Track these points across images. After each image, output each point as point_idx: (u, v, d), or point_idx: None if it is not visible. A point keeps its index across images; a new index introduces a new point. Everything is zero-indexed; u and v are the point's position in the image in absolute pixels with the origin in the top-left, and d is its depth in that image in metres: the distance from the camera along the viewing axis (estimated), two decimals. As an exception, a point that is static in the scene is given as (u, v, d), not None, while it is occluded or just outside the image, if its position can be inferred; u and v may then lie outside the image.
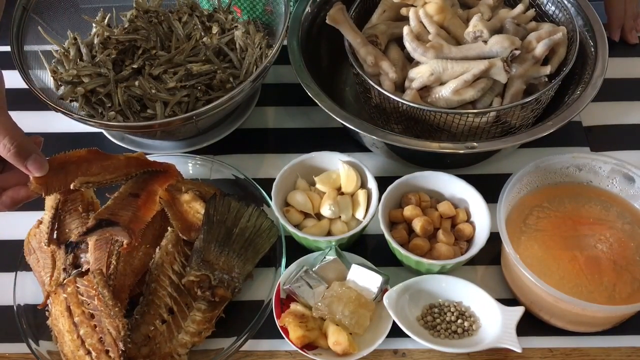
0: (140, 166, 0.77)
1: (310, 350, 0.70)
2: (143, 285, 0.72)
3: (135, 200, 0.74)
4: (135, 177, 0.76)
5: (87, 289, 0.71)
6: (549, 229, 0.74)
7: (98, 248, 0.73)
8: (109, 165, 0.74)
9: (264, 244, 0.78)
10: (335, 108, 0.81)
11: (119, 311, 0.68)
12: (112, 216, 0.71)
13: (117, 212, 0.72)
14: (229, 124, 0.92)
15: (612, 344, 0.73)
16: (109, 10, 0.94)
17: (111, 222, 0.70)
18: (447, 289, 0.74)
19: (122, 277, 0.71)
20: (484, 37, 0.83)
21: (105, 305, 0.68)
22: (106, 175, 0.73)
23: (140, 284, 0.73)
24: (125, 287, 0.71)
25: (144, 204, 0.74)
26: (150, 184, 0.77)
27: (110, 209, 0.72)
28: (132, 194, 0.75)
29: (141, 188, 0.75)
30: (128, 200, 0.74)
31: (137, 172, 0.76)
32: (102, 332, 0.68)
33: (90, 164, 0.72)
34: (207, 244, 0.74)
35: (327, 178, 0.81)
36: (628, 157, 0.79)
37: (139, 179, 0.76)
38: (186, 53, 0.85)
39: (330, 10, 0.89)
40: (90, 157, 0.73)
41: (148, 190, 0.76)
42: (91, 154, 0.73)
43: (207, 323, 0.70)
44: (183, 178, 0.82)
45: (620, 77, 0.99)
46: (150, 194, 0.76)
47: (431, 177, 0.80)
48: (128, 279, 0.72)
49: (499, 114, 0.82)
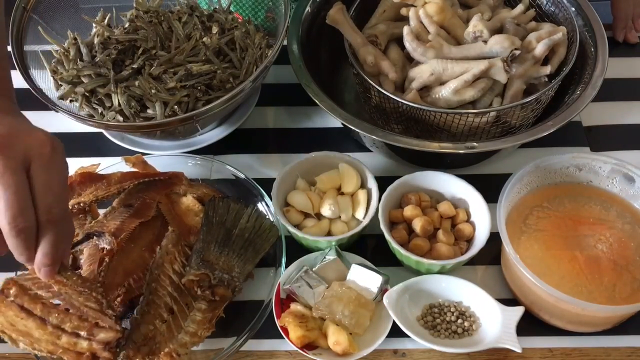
0: (136, 178, 0.78)
1: (310, 350, 0.70)
2: (143, 285, 0.72)
3: (127, 210, 0.76)
4: (129, 189, 0.78)
5: (32, 282, 0.68)
6: (549, 229, 0.74)
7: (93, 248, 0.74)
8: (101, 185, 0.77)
9: (264, 244, 0.78)
10: (335, 108, 0.81)
11: (90, 284, 0.65)
12: (100, 227, 0.73)
13: (106, 223, 0.74)
14: (229, 124, 0.92)
15: (612, 344, 0.73)
16: (109, 10, 0.94)
17: (98, 232, 0.71)
18: (447, 289, 0.74)
19: (113, 274, 0.71)
20: (484, 37, 0.83)
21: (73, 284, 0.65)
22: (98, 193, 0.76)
23: (141, 284, 0.73)
24: (114, 285, 0.71)
25: (135, 212, 0.76)
26: (146, 193, 0.78)
27: (100, 222, 0.75)
28: (126, 205, 0.77)
29: (135, 199, 0.77)
30: (120, 211, 0.76)
31: (131, 184, 0.78)
32: (78, 311, 0.65)
33: (82, 186, 0.73)
34: (206, 244, 0.74)
35: (327, 178, 0.81)
36: (628, 157, 0.79)
37: (133, 190, 0.78)
38: (186, 53, 0.85)
39: (330, 10, 0.89)
40: (82, 179, 0.74)
41: (143, 200, 0.77)
42: (83, 176, 0.74)
43: (207, 323, 0.70)
44: (190, 184, 0.82)
45: (620, 77, 0.99)
46: (145, 202, 0.77)
47: (431, 177, 0.80)
48: (118, 277, 0.72)
49: (499, 114, 0.82)
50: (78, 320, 0.66)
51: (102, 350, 0.65)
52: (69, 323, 0.66)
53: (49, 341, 0.65)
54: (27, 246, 0.56)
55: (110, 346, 0.65)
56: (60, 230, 0.57)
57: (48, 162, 0.57)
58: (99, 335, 0.65)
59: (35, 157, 0.56)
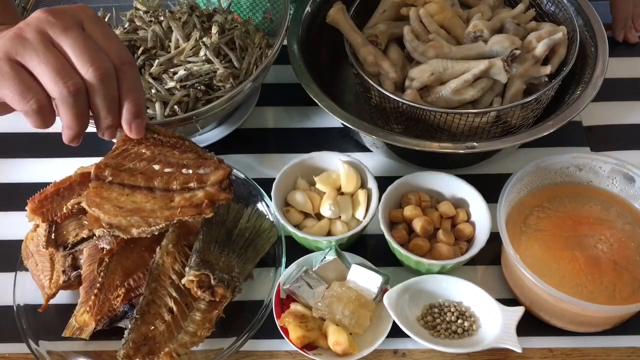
0: None
1: (310, 351, 0.69)
2: (143, 285, 0.72)
3: None
4: None
5: (122, 157, 0.64)
6: (549, 229, 0.74)
7: (93, 248, 0.73)
8: None
9: (264, 244, 0.78)
10: (335, 108, 0.81)
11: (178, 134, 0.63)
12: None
13: None
14: (229, 124, 0.92)
15: (612, 344, 0.73)
16: (109, 10, 0.94)
17: None
18: (447, 289, 0.74)
19: (113, 274, 0.71)
20: (484, 37, 0.83)
21: (166, 136, 0.62)
22: None
23: (141, 284, 0.73)
24: (113, 286, 0.71)
25: None
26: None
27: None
28: None
29: None
30: None
31: None
32: (178, 166, 0.63)
33: (83, 186, 0.73)
34: (206, 244, 0.74)
35: (327, 178, 0.81)
36: (628, 157, 0.79)
37: None
38: (186, 53, 0.85)
39: (330, 10, 0.89)
40: (82, 179, 0.74)
41: None
42: (83, 177, 0.74)
43: (207, 323, 0.70)
44: None
45: (620, 77, 0.99)
46: None
47: (431, 177, 0.80)
48: (118, 277, 0.72)
49: (499, 114, 0.82)
50: (183, 174, 0.63)
51: (220, 191, 0.62)
52: (175, 181, 0.63)
53: (162, 207, 0.63)
54: (111, 94, 0.58)
55: (224, 185, 0.63)
56: (136, 73, 0.60)
57: (97, 18, 0.60)
58: (210, 179, 0.62)
59: (84, 17, 0.58)
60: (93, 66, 0.56)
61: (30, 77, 0.55)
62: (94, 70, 0.56)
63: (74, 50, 0.56)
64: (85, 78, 0.56)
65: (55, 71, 0.55)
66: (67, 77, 0.55)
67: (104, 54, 0.57)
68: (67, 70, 0.55)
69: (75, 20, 0.58)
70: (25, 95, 0.55)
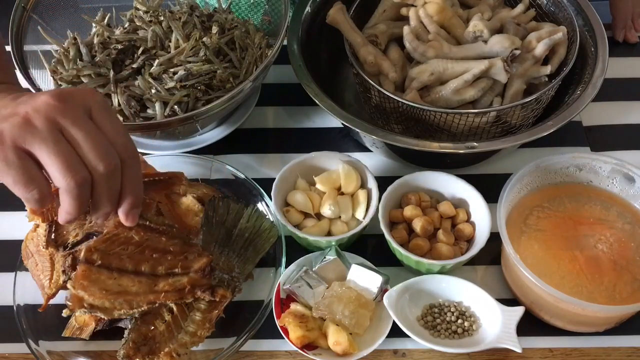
0: None
1: (310, 351, 0.69)
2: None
3: None
4: None
5: (110, 242, 0.66)
6: (550, 229, 0.74)
7: None
8: None
9: (264, 244, 0.78)
10: (335, 108, 0.81)
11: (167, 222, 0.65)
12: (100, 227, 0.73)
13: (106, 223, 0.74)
14: (229, 124, 0.92)
15: (612, 344, 0.73)
16: (109, 10, 0.94)
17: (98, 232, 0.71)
18: (447, 289, 0.74)
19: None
20: (484, 37, 0.83)
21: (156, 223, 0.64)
22: None
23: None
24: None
25: None
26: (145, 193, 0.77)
27: (99, 224, 0.74)
28: None
29: None
30: None
31: None
32: (164, 252, 0.65)
33: None
34: (206, 244, 0.74)
35: (327, 178, 0.81)
36: (628, 157, 0.79)
37: None
38: (186, 53, 0.85)
39: (330, 10, 0.89)
40: None
41: (143, 200, 0.76)
42: None
43: (207, 323, 0.70)
44: (190, 184, 0.82)
45: (620, 77, 0.99)
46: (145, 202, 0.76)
47: (431, 177, 0.80)
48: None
49: (499, 114, 0.82)
50: (169, 260, 0.65)
51: (202, 278, 0.64)
52: (160, 266, 0.65)
53: (147, 292, 0.65)
54: (115, 187, 0.58)
55: (206, 272, 0.65)
56: (139, 166, 0.60)
57: (105, 106, 0.59)
58: (193, 266, 0.65)
59: (93, 104, 0.58)
60: (103, 162, 0.56)
61: (35, 166, 0.55)
62: (104, 166, 0.56)
63: (86, 143, 0.55)
64: (93, 172, 0.56)
65: (65, 164, 0.54)
66: (76, 171, 0.55)
67: (113, 149, 0.57)
68: (76, 163, 0.55)
69: (84, 110, 0.57)
70: (28, 186, 0.55)
